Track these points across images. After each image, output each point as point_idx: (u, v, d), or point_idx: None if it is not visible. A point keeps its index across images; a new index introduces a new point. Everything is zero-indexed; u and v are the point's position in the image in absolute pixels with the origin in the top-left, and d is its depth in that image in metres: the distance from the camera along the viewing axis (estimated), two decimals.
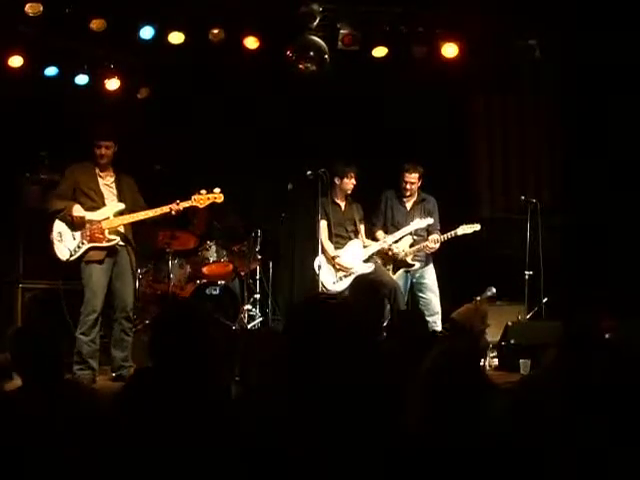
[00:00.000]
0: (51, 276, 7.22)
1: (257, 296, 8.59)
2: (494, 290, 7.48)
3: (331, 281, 7.75)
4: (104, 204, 6.67)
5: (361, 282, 7.40)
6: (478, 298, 7.08)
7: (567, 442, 2.45)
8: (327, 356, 2.24)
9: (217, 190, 6.92)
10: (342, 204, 7.94)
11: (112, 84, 8.36)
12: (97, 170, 6.72)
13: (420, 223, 7.87)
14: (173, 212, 6.74)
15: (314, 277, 7.65)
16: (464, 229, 7.82)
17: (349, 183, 7.82)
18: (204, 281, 8.34)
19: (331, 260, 7.76)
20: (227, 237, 8.71)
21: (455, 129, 9.39)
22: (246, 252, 8.55)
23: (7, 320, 7.59)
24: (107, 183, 6.76)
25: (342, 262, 7.75)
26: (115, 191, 6.76)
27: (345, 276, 7.75)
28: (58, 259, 6.61)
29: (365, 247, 7.88)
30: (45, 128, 8.25)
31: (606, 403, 2.57)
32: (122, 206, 6.69)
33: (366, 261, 7.81)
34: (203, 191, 6.88)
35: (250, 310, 8.48)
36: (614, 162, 8.59)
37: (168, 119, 8.68)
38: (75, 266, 6.62)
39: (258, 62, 8.23)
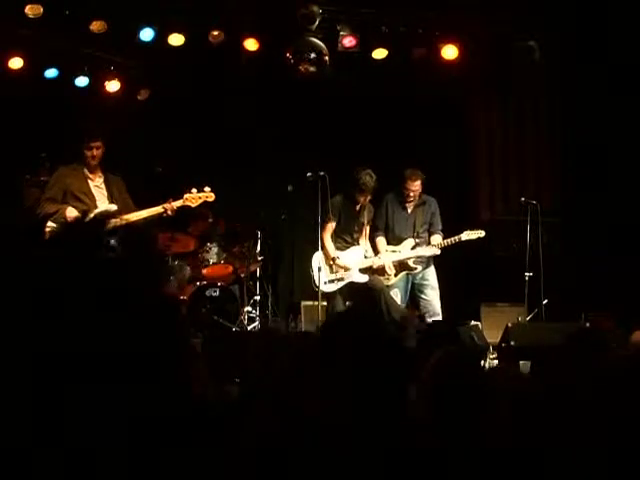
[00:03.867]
0: None
1: (257, 298, 8.58)
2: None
3: (323, 281, 7.66)
4: (96, 206, 6.70)
5: (357, 288, 7.64)
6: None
7: (568, 443, 2.45)
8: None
9: (207, 189, 6.95)
10: (358, 206, 7.84)
11: (112, 86, 8.36)
12: (86, 172, 6.75)
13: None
14: (168, 212, 6.74)
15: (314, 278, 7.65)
16: (468, 235, 7.73)
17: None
18: (204, 283, 8.33)
19: (329, 260, 7.72)
20: (227, 239, 8.69)
21: (455, 130, 9.38)
22: (246, 254, 8.54)
23: None
24: (97, 184, 6.79)
25: (341, 262, 7.71)
26: (106, 192, 6.81)
27: (338, 280, 7.70)
28: None
29: (366, 257, 7.84)
30: (45, 130, 8.25)
31: (605, 404, 2.57)
32: (114, 207, 6.72)
33: (362, 271, 7.75)
34: (194, 190, 6.90)
35: (250, 312, 8.47)
36: (613, 163, 8.59)
37: (168, 120, 8.67)
38: None
39: (258, 64, 8.23)
